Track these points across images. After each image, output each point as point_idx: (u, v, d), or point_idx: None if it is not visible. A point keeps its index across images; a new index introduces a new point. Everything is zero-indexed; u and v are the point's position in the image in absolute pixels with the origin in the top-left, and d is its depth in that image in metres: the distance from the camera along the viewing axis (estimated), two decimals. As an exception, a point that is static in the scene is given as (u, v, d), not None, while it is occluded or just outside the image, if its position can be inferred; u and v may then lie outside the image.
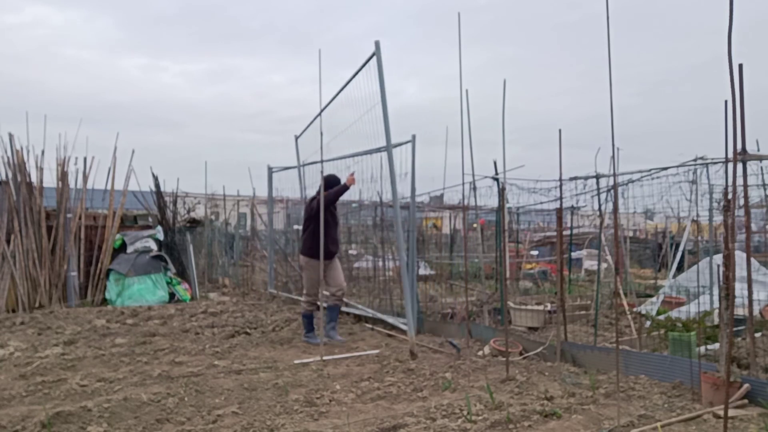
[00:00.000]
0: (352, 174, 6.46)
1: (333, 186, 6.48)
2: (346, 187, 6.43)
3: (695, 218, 9.73)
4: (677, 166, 7.53)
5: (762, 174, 6.94)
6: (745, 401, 3.84)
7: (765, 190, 7.12)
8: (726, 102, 4.03)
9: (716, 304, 5.60)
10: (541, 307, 7.08)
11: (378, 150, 6.73)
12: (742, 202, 4.69)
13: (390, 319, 7.09)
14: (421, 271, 9.62)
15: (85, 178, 10.07)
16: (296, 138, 10.14)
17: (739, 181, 4.39)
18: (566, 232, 7.95)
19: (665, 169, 7.42)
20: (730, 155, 3.46)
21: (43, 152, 9.67)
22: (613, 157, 4.21)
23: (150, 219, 11.80)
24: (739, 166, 4.52)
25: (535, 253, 14.93)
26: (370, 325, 7.37)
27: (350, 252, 10.52)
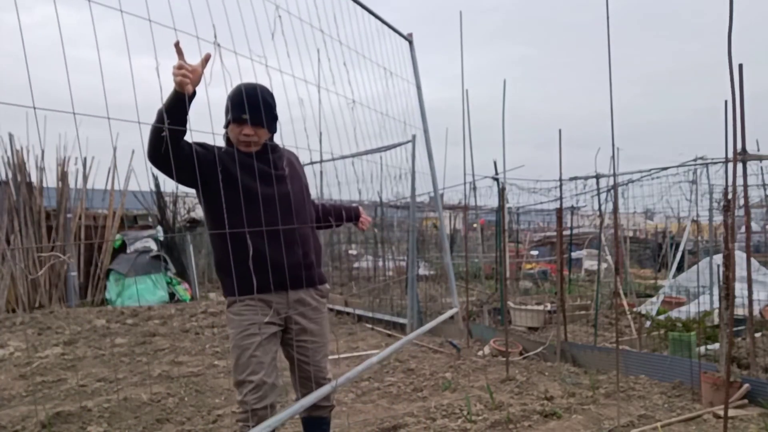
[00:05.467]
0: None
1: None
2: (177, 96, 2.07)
3: (695, 218, 9.74)
4: (677, 166, 7.55)
5: (762, 174, 6.96)
6: (745, 401, 3.84)
7: (765, 190, 7.13)
8: (726, 102, 4.04)
9: (716, 304, 5.60)
10: (541, 307, 7.08)
11: (378, 150, 6.72)
12: (742, 202, 4.69)
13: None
14: (421, 271, 9.62)
15: (85, 178, 10.08)
16: None
17: (739, 181, 4.39)
18: (566, 232, 7.95)
19: (665, 169, 7.44)
20: (730, 155, 3.46)
21: (43, 152, 9.69)
22: (613, 157, 4.22)
23: (150, 219, 11.80)
24: (739, 166, 4.52)
25: (535, 253, 14.94)
26: (370, 325, 7.37)
27: (350, 252, 10.52)
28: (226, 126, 2.47)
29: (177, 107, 2.07)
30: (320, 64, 2.65)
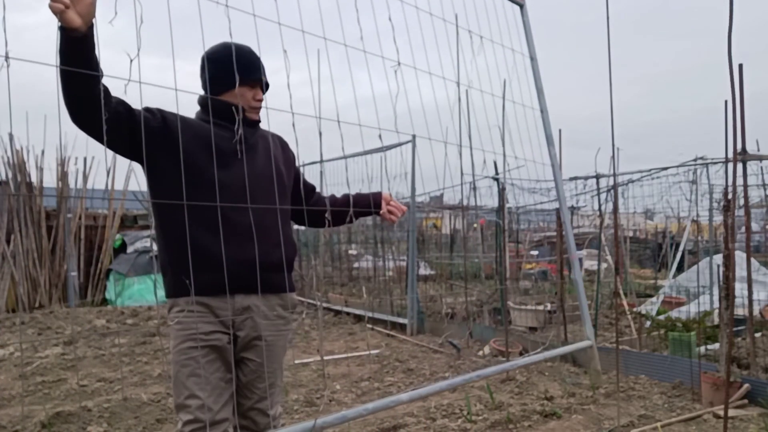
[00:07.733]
0: None
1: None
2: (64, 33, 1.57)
3: (695, 218, 9.75)
4: (677, 166, 7.56)
5: (762, 174, 6.96)
6: (745, 401, 3.84)
7: (765, 190, 7.13)
8: (726, 102, 4.03)
9: (716, 304, 5.60)
10: (541, 307, 7.08)
11: (378, 150, 6.73)
12: (742, 202, 4.69)
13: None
14: (421, 271, 9.62)
15: (85, 178, 10.09)
16: None
17: (739, 181, 4.39)
18: (566, 232, 7.93)
19: (665, 169, 7.45)
20: (730, 155, 3.46)
21: (43, 152, 9.70)
22: (613, 157, 4.22)
23: (150, 219, 11.79)
24: (739, 166, 4.52)
25: (535, 253, 14.94)
26: (370, 325, 7.37)
27: (350, 252, 10.51)
28: (214, 92, 2.02)
29: (63, 47, 1.59)
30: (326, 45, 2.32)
